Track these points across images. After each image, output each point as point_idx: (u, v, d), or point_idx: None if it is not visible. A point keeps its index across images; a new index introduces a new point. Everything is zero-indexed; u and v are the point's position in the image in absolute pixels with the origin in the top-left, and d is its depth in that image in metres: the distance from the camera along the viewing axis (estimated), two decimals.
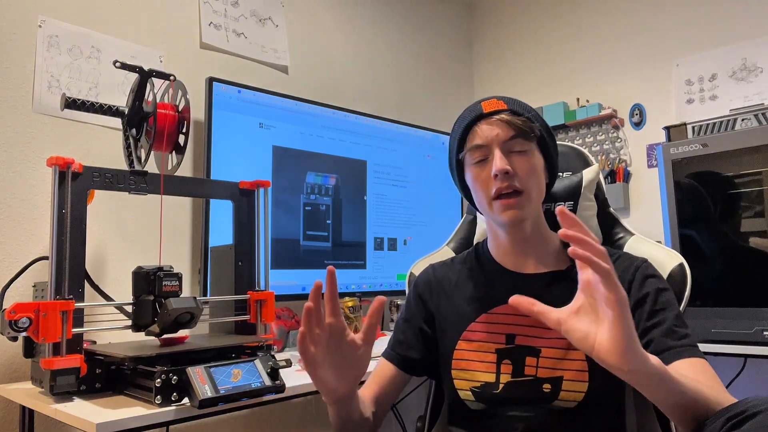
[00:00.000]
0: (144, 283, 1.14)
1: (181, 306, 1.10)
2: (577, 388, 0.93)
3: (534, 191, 0.98)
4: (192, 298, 1.13)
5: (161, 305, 1.11)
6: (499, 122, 0.97)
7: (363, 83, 2.33)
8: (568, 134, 2.51)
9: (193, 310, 1.12)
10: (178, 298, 1.11)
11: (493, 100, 1.00)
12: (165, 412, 1.01)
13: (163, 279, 1.13)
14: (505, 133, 0.96)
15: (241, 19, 1.92)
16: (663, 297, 0.94)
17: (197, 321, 1.14)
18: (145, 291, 1.14)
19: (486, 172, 0.97)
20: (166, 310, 1.09)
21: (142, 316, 1.13)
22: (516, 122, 0.96)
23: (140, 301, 1.14)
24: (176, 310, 1.09)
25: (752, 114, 1.82)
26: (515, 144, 0.97)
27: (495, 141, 0.96)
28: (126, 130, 1.25)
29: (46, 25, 1.49)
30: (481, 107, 0.99)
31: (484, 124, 0.98)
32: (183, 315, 1.11)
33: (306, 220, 1.85)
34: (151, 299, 1.12)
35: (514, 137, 0.96)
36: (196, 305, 1.12)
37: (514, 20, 2.77)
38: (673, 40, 2.24)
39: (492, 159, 0.96)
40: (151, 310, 1.12)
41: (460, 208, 2.37)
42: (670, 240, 1.71)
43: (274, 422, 1.87)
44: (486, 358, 0.99)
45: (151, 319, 1.12)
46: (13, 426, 1.35)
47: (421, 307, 1.10)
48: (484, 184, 0.98)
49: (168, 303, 1.10)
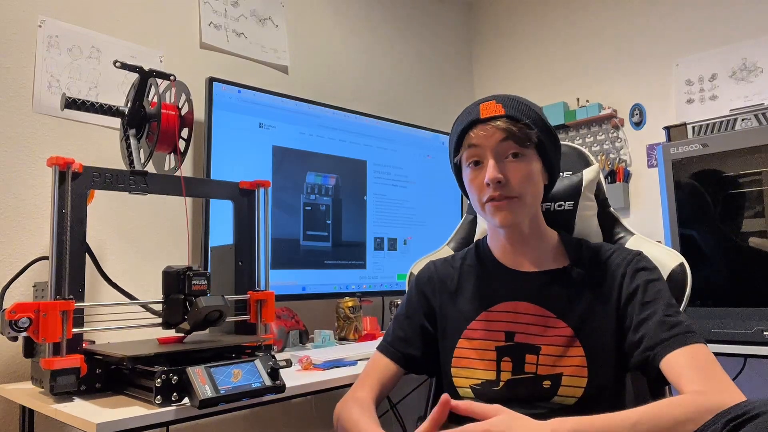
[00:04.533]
0: (174, 282, 1.16)
1: (210, 304, 1.13)
2: (576, 383, 0.94)
3: (528, 196, 0.98)
4: (221, 297, 1.16)
5: (191, 303, 1.14)
6: (494, 128, 0.96)
7: (363, 83, 2.33)
8: (568, 134, 2.51)
9: (222, 309, 1.15)
10: (207, 297, 1.15)
11: (492, 103, 0.99)
12: (165, 412, 1.01)
13: (193, 278, 1.16)
14: (500, 139, 0.96)
15: (241, 19, 1.92)
16: (653, 288, 0.94)
17: (225, 319, 1.17)
18: (174, 290, 1.16)
19: (481, 177, 0.98)
20: (197, 308, 1.12)
21: (173, 314, 1.16)
22: (512, 129, 0.96)
23: (170, 299, 1.16)
24: (206, 308, 1.12)
25: (752, 114, 1.82)
26: (510, 150, 0.97)
27: (489, 147, 0.96)
28: (125, 129, 1.25)
29: (46, 25, 1.49)
30: (479, 111, 0.99)
31: (480, 129, 0.98)
32: (212, 313, 1.14)
33: (306, 220, 1.85)
34: (182, 298, 1.15)
35: (510, 144, 0.96)
36: (225, 303, 1.15)
37: (514, 20, 2.77)
38: (673, 40, 2.24)
39: (486, 164, 0.97)
40: (181, 308, 1.15)
41: (460, 208, 2.37)
42: (670, 240, 1.71)
43: (274, 422, 1.87)
44: (486, 356, 0.99)
45: (181, 317, 1.15)
46: (13, 426, 1.35)
47: (423, 303, 1.10)
48: (478, 189, 0.99)
49: (198, 301, 1.13)
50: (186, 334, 1.17)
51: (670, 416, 0.73)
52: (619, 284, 0.97)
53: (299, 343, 1.67)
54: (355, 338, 1.80)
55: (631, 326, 0.93)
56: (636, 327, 0.92)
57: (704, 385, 0.79)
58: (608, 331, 0.96)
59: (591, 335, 0.95)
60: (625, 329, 0.95)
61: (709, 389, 0.78)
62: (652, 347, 0.88)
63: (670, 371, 0.85)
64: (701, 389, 0.79)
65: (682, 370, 0.83)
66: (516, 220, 0.98)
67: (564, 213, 1.18)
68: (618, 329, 0.96)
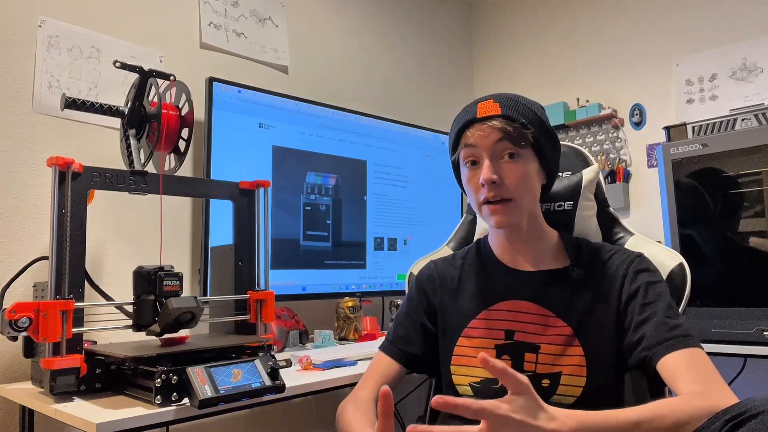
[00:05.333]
0: (145, 282, 1.14)
1: (181, 306, 1.10)
2: (575, 383, 0.94)
3: (524, 198, 0.98)
4: (193, 298, 1.13)
5: (162, 305, 1.12)
6: (490, 128, 0.96)
7: (363, 83, 2.33)
8: (568, 134, 2.51)
9: (193, 310, 1.12)
10: (178, 298, 1.11)
11: (489, 102, 0.99)
12: (165, 412, 1.01)
13: (164, 279, 1.13)
14: (495, 139, 0.96)
15: (241, 19, 1.92)
16: (654, 290, 0.95)
17: (198, 321, 1.14)
18: (145, 291, 1.14)
19: (477, 177, 0.98)
20: (167, 309, 1.09)
21: (143, 316, 1.13)
22: (507, 129, 0.96)
23: (141, 300, 1.14)
24: (177, 310, 1.09)
25: (752, 114, 1.82)
26: (506, 150, 0.97)
27: (485, 147, 0.97)
28: (125, 129, 1.25)
29: (46, 25, 1.49)
30: (476, 110, 0.99)
31: (476, 128, 0.98)
32: (184, 315, 1.11)
33: (306, 220, 1.85)
34: (152, 299, 1.12)
35: (505, 144, 0.96)
36: (197, 305, 1.12)
37: (514, 20, 2.77)
38: (673, 40, 2.24)
39: (482, 164, 0.97)
40: (152, 309, 1.12)
41: (460, 208, 2.37)
42: (670, 240, 1.71)
43: (274, 422, 1.87)
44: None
45: (152, 318, 1.12)
46: (13, 426, 1.35)
47: (423, 302, 1.11)
48: (474, 188, 1.00)
49: (169, 303, 1.10)
50: (156, 336, 1.13)
51: (673, 417, 0.73)
52: (619, 285, 0.98)
53: (299, 343, 1.67)
54: (355, 338, 1.80)
55: (630, 326, 0.94)
56: (636, 327, 0.92)
57: (701, 388, 0.79)
58: (608, 331, 0.96)
59: (590, 335, 0.96)
60: (625, 329, 0.95)
61: (706, 391, 0.78)
62: (650, 347, 0.88)
63: (666, 372, 0.85)
64: (700, 391, 0.79)
65: (678, 371, 0.83)
66: (511, 222, 0.98)
67: (563, 213, 1.18)
68: (617, 329, 0.96)
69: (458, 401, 0.67)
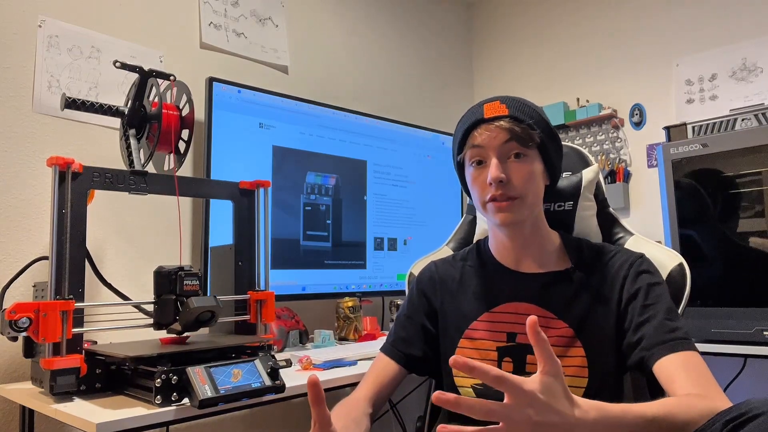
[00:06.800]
0: (165, 282, 1.16)
1: (202, 305, 1.12)
2: (576, 384, 0.94)
3: (530, 197, 0.98)
4: (213, 297, 1.15)
5: (183, 304, 1.13)
6: (498, 128, 0.97)
7: (363, 83, 2.33)
8: (568, 134, 2.51)
9: (213, 309, 1.14)
10: (199, 297, 1.14)
11: (496, 103, 0.99)
12: (165, 412, 1.01)
13: (184, 278, 1.15)
14: (503, 140, 0.97)
15: (241, 19, 1.92)
16: (654, 291, 0.95)
17: (218, 319, 1.16)
18: (166, 290, 1.16)
19: (483, 176, 0.98)
20: (188, 308, 1.11)
21: (164, 315, 1.15)
22: (515, 130, 0.96)
23: (162, 300, 1.16)
24: (198, 309, 1.11)
25: (752, 114, 1.82)
26: (513, 150, 0.97)
27: (492, 147, 0.97)
28: (125, 129, 1.25)
29: (46, 25, 1.49)
30: (483, 111, 0.99)
31: (483, 129, 0.98)
32: (204, 313, 1.13)
33: (306, 220, 1.85)
34: (173, 298, 1.14)
35: (513, 145, 0.97)
36: (217, 304, 1.15)
37: (514, 20, 2.77)
38: (673, 40, 2.24)
39: (489, 163, 0.97)
40: (172, 308, 1.14)
41: (460, 208, 2.37)
42: (670, 240, 1.71)
43: (274, 422, 1.87)
44: (487, 356, 0.99)
45: (172, 317, 1.14)
46: (13, 426, 1.35)
47: (424, 303, 1.11)
48: (480, 188, 1.00)
49: (189, 302, 1.12)
50: (177, 335, 1.16)
51: (684, 415, 0.73)
52: (620, 286, 0.98)
53: (299, 343, 1.67)
54: (355, 338, 1.80)
55: (630, 327, 0.94)
56: (635, 328, 0.92)
57: (697, 391, 0.79)
58: (608, 332, 0.96)
59: (591, 336, 0.96)
60: (625, 330, 0.95)
61: (706, 394, 0.78)
62: (648, 348, 0.88)
63: (662, 373, 0.85)
64: (699, 393, 0.79)
65: (675, 373, 0.83)
66: (517, 220, 0.98)
67: (563, 213, 1.18)
68: (618, 330, 0.96)
69: (476, 364, 0.64)
